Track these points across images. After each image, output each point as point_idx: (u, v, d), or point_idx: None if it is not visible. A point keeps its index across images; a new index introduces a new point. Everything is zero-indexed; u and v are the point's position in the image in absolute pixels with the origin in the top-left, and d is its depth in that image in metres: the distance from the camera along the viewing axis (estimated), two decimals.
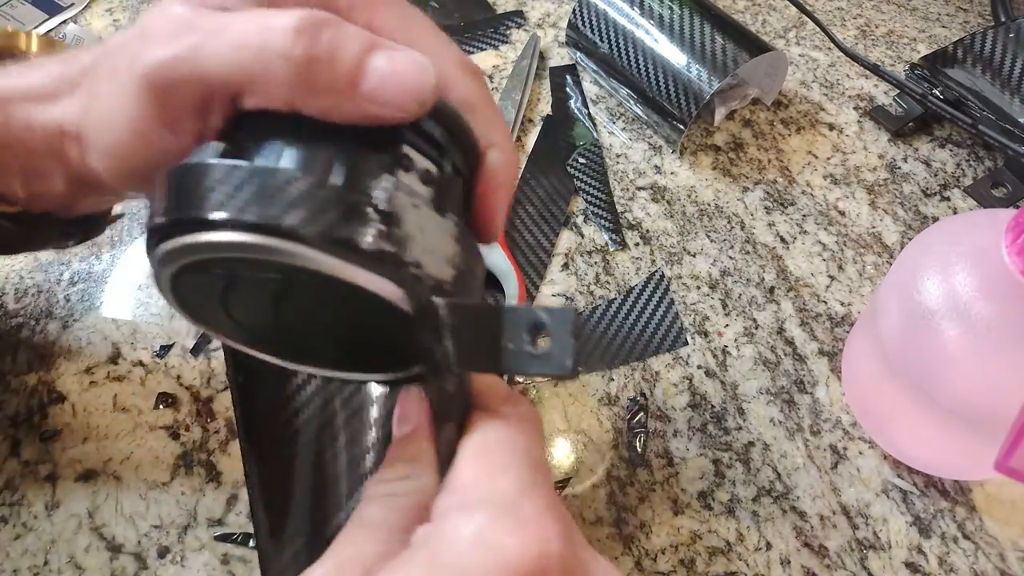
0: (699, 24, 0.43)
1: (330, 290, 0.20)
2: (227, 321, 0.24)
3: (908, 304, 0.30)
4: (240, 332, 0.24)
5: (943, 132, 0.46)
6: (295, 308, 0.22)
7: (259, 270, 0.20)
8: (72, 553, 0.33)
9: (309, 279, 0.20)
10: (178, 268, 0.21)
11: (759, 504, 0.34)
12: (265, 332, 0.24)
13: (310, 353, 0.25)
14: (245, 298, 0.22)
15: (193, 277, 0.22)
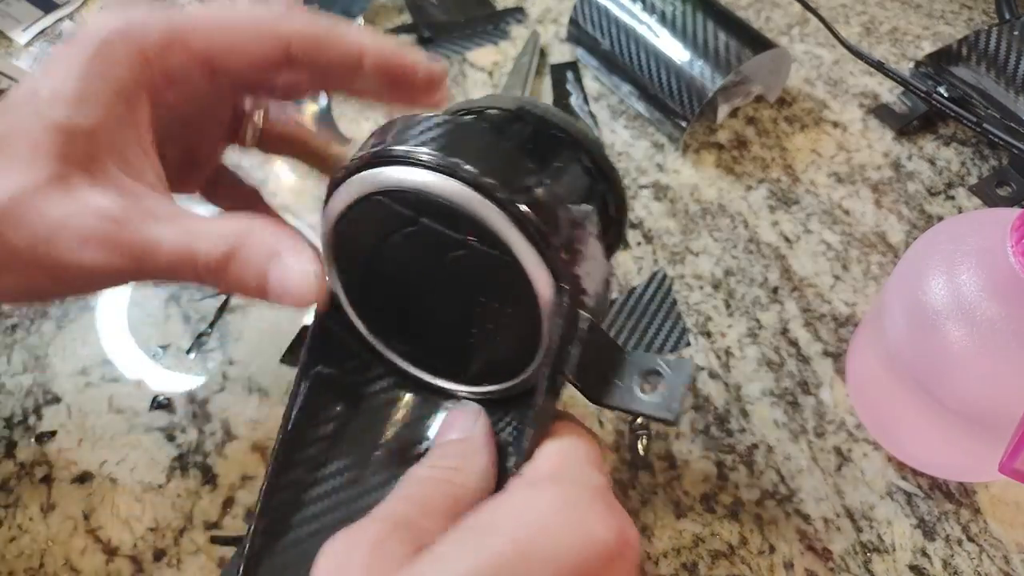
0: (702, 20, 0.42)
1: (489, 272, 0.23)
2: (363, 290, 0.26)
3: (913, 304, 0.29)
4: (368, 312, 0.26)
5: (948, 130, 0.45)
6: (432, 290, 0.24)
7: (443, 222, 0.23)
8: (68, 556, 0.33)
9: (474, 253, 0.23)
10: (377, 191, 0.23)
11: (762, 507, 0.33)
12: (388, 317, 0.26)
13: (419, 352, 0.27)
14: (392, 262, 0.24)
15: (358, 220, 0.24)
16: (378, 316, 0.27)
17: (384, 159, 0.23)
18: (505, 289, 0.23)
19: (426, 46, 0.50)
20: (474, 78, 0.49)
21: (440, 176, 0.22)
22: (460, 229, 0.23)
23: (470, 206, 0.22)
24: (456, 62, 0.50)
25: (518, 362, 0.25)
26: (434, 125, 0.23)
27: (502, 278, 0.23)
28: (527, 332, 0.24)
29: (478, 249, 0.23)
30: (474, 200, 0.22)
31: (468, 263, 0.23)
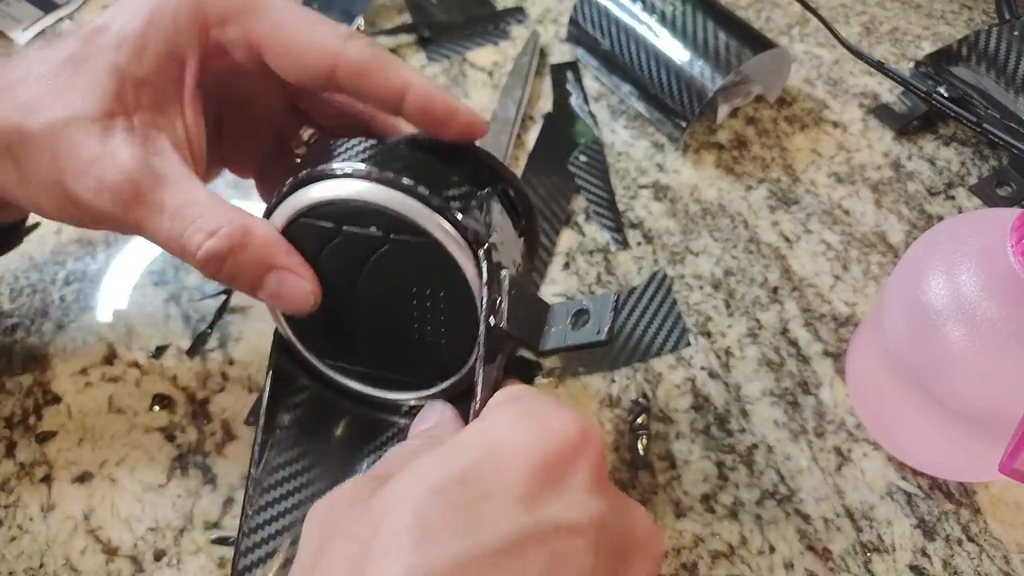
0: (702, 20, 0.42)
1: (413, 261, 0.25)
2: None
3: (913, 304, 0.29)
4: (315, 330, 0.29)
5: (948, 130, 0.45)
6: (369, 297, 0.27)
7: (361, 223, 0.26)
8: (68, 556, 0.33)
9: (396, 246, 0.25)
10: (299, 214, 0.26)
11: (763, 507, 0.33)
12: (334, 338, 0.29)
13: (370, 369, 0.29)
14: (327, 280, 0.27)
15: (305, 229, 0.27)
16: (324, 340, 0.29)
17: (301, 182, 0.26)
18: (431, 274, 0.26)
19: (426, 46, 0.50)
20: (474, 78, 0.49)
21: (349, 181, 0.25)
22: (380, 226, 0.25)
23: (381, 199, 0.25)
24: (456, 62, 0.50)
25: (460, 352, 0.27)
26: (352, 144, 0.26)
27: (426, 263, 0.26)
28: (462, 315, 0.26)
29: (398, 240, 0.25)
30: (383, 193, 0.25)
31: (393, 259, 0.26)
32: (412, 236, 0.25)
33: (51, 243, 0.42)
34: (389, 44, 0.50)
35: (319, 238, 0.26)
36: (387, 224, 0.25)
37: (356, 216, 0.25)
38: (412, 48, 0.50)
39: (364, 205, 0.25)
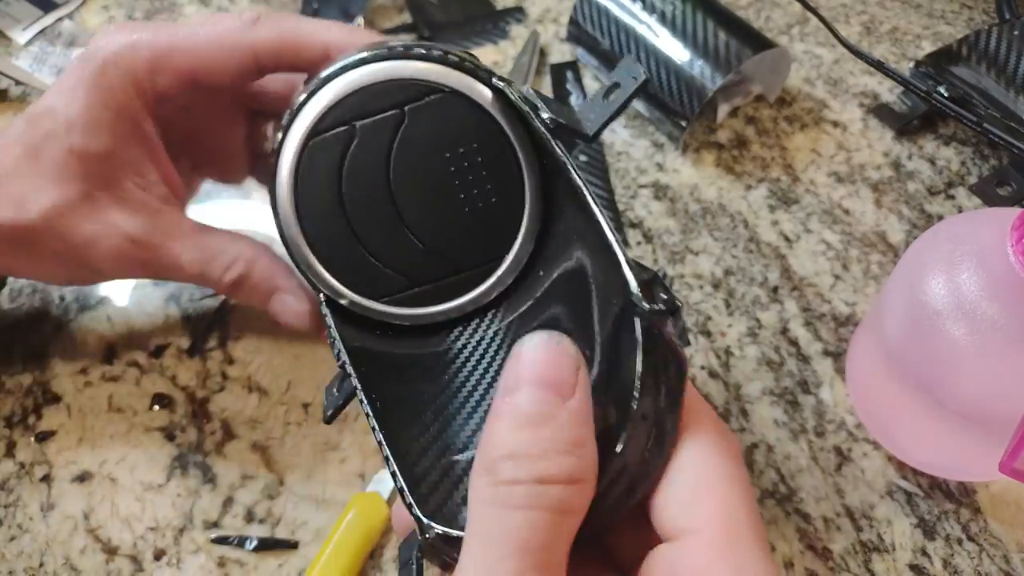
0: (702, 20, 0.42)
1: (437, 121, 0.25)
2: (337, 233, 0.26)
3: (913, 304, 0.29)
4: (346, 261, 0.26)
5: (948, 130, 0.45)
6: (408, 175, 0.25)
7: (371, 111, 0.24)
8: (68, 555, 0.33)
9: (416, 113, 0.24)
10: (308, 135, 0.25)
11: (763, 506, 0.33)
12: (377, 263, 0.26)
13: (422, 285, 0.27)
14: (357, 197, 0.25)
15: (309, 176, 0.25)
16: (368, 272, 0.27)
17: (297, 108, 0.25)
18: (459, 129, 0.25)
19: None
20: None
21: (341, 79, 0.24)
22: (391, 104, 0.25)
23: (380, 75, 0.24)
24: None
25: (515, 206, 0.26)
26: (332, 61, 0.25)
27: (450, 121, 0.25)
28: (503, 156, 0.25)
29: (415, 108, 0.25)
30: (379, 69, 0.24)
31: (417, 131, 0.25)
32: (426, 96, 0.24)
33: None
34: None
35: (337, 149, 0.25)
36: (397, 98, 0.25)
37: (363, 106, 0.25)
38: None
39: (365, 90, 0.24)
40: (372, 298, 0.26)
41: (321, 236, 0.26)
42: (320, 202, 0.25)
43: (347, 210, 0.25)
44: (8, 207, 0.29)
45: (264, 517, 0.33)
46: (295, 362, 0.37)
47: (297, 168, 0.25)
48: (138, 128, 0.30)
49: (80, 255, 0.30)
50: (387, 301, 0.27)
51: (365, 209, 0.26)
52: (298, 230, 0.26)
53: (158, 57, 0.29)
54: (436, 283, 0.27)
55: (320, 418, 0.36)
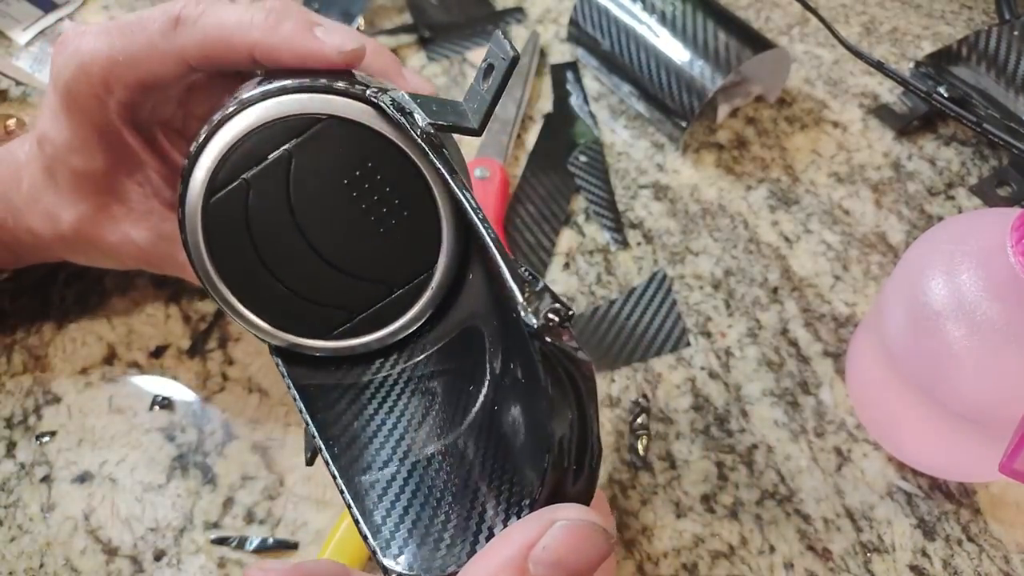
0: (702, 20, 0.42)
1: (325, 152, 0.24)
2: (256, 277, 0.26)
3: (913, 304, 0.29)
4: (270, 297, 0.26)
5: (948, 130, 0.45)
6: (312, 212, 0.25)
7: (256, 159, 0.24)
8: (68, 556, 0.33)
9: (303, 145, 0.24)
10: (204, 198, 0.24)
11: (763, 507, 0.33)
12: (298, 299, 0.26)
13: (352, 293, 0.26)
14: (266, 225, 0.25)
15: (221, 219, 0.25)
16: (306, 313, 0.26)
17: (189, 171, 0.24)
18: (349, 153, 0.24)
19: (426, 46, 0.50)
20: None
21: (217, 137, 0.24)
22: (273, 146, 0.24)
23: (252, 122, 0.24)
24: (456, 62, 0.50)
25: (430, 216, 0.25)
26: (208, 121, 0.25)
27: (337, 147, 0.24)
28: (402, 170, 0.25)
29: (299, 143, 0.24)
30: (250, 116, 0.24)
31: (307, 166, 0.24)
32: (305, 129, 0.24)
33: None
34: (389, 44, 0.50)
35: (235, 205, 0.25)
36: (280, 139, 0.24)
37: (247, 158, 0.24)
38: (412, 48, 0.50)
39: (244, 140, 0.24)
40: (318, 337, 0.26)
41: (251, 291, 0.26)
42: (239, 259, 0.25)
43: (266, 261, 0.25)
44: (45, 221, 0.32)
45: (264, 518, 0.33)
46: None
47: (206, 232, 0.25)
48: (122, 139, 0.31)
49: (113, 258, 0.33)
50: (334, 336, 0.26)
51: (283, 256, 0.25)
52: (228, 292, 0.26)
53: (106, 73, 0.28)
54: (376, 306, 0.26)
55: None
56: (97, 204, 0.31)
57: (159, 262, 0.33)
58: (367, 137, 0.24)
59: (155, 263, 0.33)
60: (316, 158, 0.24)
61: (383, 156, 0.24)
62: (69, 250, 0.34)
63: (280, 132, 0.24)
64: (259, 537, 0.33)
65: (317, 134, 0.24)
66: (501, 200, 0.42)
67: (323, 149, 0.24)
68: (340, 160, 0.24)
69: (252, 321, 0.26)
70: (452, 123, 0.23)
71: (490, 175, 0.42)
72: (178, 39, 0.27)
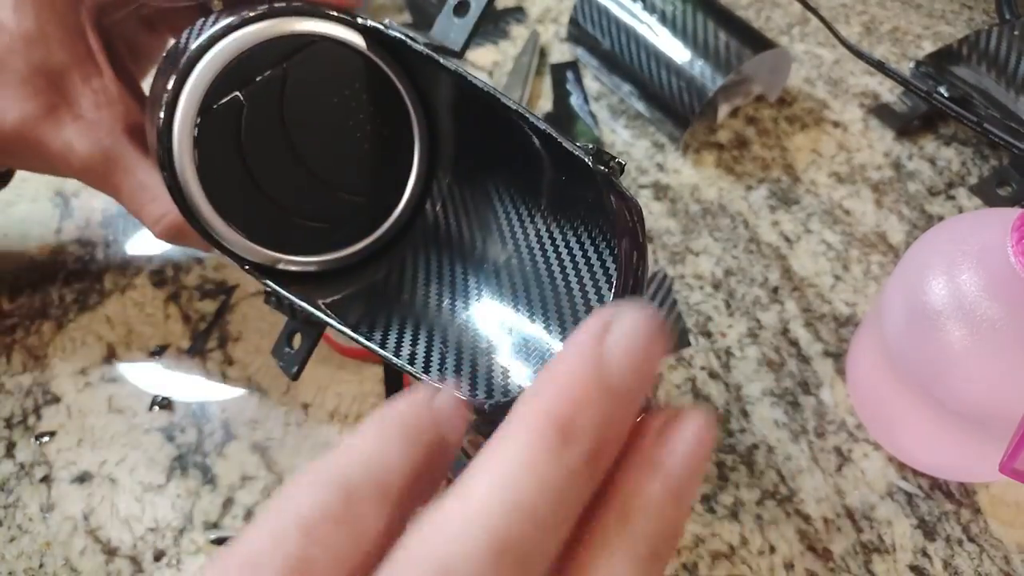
0: (702, 20, 0.42)
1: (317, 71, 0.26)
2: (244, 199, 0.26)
3: (913, 304, 0.29)
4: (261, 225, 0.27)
5: (948, 130, 0.45)
6: (304, 129, 0.26)
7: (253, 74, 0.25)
8: (67, 556, 0.33)
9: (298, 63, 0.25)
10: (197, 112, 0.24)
11: (763, 507, 0.33)
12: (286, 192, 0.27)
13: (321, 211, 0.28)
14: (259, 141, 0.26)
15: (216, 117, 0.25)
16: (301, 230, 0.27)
17: (176, 85, 0.24)
18: (338, 73, 0.26)
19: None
20: None
21: (213, 51, 0.24)
22: (269, 65, 0.25)
23: (249, 40, 0.24)
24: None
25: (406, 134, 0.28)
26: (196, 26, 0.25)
27: (327, 66, 0.26)
28: (385, 89, 0.27)
29: (293, 62, 0.25)
30: (246, 35, 0.24)
31: (301, 82, 0.26)
32: (299, 48, 0.25)
33: (51, 243, 0.42)
34: None
35: (230, 119, 0.25)
36: (272, 58, 0.25)
37: (243, 73, 0.25)
38: None
39: (241, 58, 0.25)
40: (306, 253, 0.28)
41: (238, 210, 0.26)
42: (228, 177, 0.25)
43: (256, 177, 0.26)
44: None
45: None
46: None
47: (198, 149, 0.25)
48: (85, 41, 0.30)
49: (53, 165, 0.31)
50: (322, 250, 0.28)
51: (272, 171, 0.26)
52: (219, 220, 0.25)
53: None
54: (359, 216, 0.28)
55: (320, 419, 0.36)
56: (46, 104, 0.29)
57: (95, 178, 0.31)
58: (356, 60, 0.26)
59: (91, 178, 0.31)
60: (310, 76, 0.26)
61: (369, 77, 0.27)
62: (4, 153, 0.31)
63: (274, 51, 0.25)
64: None
65: (311, 54, 0.25)
66: None
67: (316, 68, 0.26)
68: (331, 80, 0.26)
69: (239, 242, 0.26)
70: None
71: None
72: None
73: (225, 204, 0.25)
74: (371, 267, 0.29)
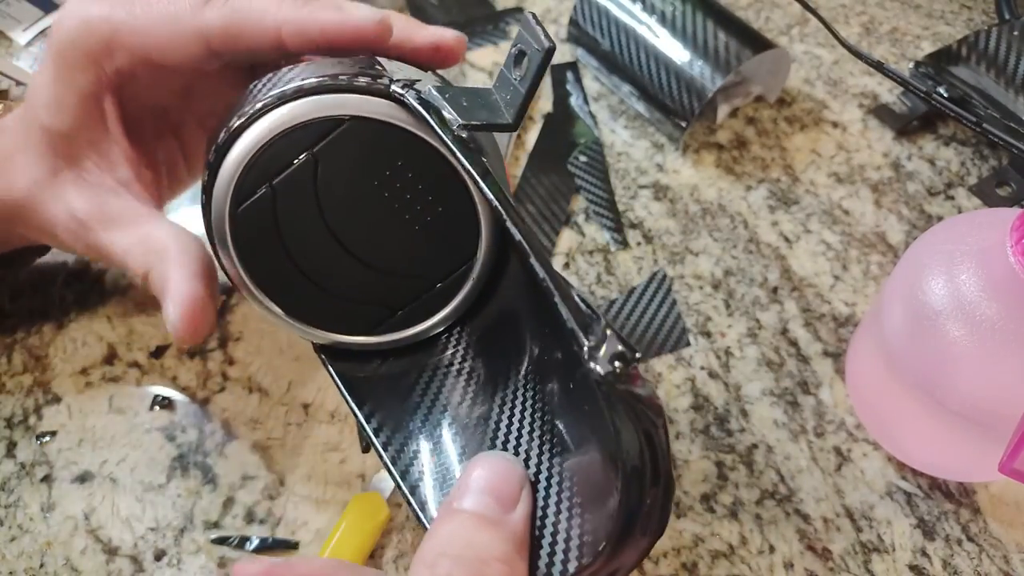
0: (702, 21, 0.42)
1: (351, 154, 0.23)
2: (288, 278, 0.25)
3: (912, 304, 0.29)
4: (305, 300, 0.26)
5: (948, 130, 0.45)
6: (344, 215, 0.24)
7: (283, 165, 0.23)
8: (68, 555, 0.33)
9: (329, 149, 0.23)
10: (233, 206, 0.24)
11: (762, 507, 0.33)
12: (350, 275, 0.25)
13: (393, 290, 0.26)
14: (297, 230, 0.24)
15: (249, 212, 0.24)
16: (344, 311, 0.26)
17: (208, 182, 0.24)
18: (375, 153, 0.23)
19: None
20: (474, 78, 0.49)
21: (241, 141, 0.23)
22: (299, 152, 0.23)
23: (276, 127, 0.23)
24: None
25: (467, 210, 0.24)
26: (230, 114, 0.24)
27: (362, 148, 0.23)
28: (431, 166, 0.24)
29: (324, 147, 0.23)
30: (272, 121, 0.23)
31: (335, 169, 0.24)
32: (329, 132, 0.23)
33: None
34: None
35: (263, 213, 0.24)
36: (304, 143, 0.23)
37: (271, 164, 0.23)
38: None
39: (266, 147, 0.23)
40: (360, 334, 0.26)
41: (287, 295, 0.25)
42: (272, 266, 0.25)
43: (300, 266, 0.25)
44: (4, 183, 0.30)
45: (264, 517, 0.33)
46: (295, 363, 0.37)
47: (236, 242, 0.24)
48: (100, 109, 0.29)
49: (49, 231, 0.31)
50: (376, 331, 0.26)
51: (317, 259, 0.25)
52: (266, 298, 0.25)
53: (112, 35, 0.28)
54: (417, 301, 0.26)
55: (320, 419, 0.36)
56: (50, 168, 0.30)
57: (83, 238, 0.30)
58: (394, 135, 0.23)
59: (79, 237, 0.30)
60: (343, 160, 0.23)
61: (413, 153, 0.23)
62: (8, 220, 0.31)
63: (303, 135, 0.23)
64: (259, 537, 0.33)
65: (341, 136, 0.23)
66: None
67: (349, 151, 0.23)
68: (368, 161, 0.23)
69: (291, 324, 0.26)
70: (485, 121, 0.22)
71: None
72: (203, 15, 0.27)
73: (276, 292, 0.25)
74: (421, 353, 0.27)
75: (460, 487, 0.21)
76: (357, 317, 0.26)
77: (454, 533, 0.20)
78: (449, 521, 0.20)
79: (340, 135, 0.23)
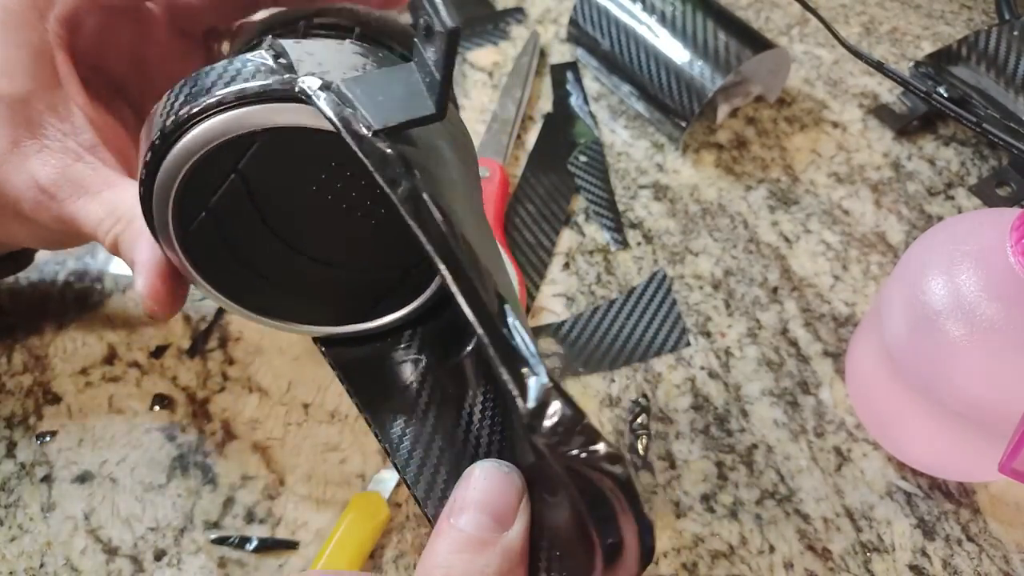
0: (702, 20, 0.42)
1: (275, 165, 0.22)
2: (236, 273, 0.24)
3: (912, 304, 0.29)
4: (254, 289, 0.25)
5: (948, 131, 0.45)
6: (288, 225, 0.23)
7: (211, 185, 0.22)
8: (68, 555, 0.33)
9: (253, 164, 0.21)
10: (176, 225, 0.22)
11: (762, 507, 0.33)
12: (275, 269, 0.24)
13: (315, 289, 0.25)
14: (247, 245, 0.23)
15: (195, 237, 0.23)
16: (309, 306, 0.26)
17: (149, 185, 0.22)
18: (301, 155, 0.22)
19: None
20: (474, 78, 0.49)
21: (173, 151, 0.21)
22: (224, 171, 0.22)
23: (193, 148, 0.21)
24: (456, 62, 0.49)
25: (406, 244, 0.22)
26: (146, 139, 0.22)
27: (286, 154, 0.21)
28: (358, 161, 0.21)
29: (248, 164, 0.21)
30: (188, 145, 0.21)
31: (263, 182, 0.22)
32: (248, 148, 0.21)
33: None
34: None
35: (210, 235, 0.23)
36: (225, 165, 0.21)
37: (204, 187, 0.22)
38: None
39: (192, 173, 0.21)
40: (345, 323, 0.26)
41: (260, 302, 0.25)
42: (237, 279, 0.24)
43: (266, 276, 0.24)
44: None
45: (264, 517, 0.33)
46: (295, 363, 0.37)
47: (192, 261, 0.23)
48: (51, 65, 0.28)
49: (13, 206, 0.28)
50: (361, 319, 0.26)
51: (280, 268, 0.24)
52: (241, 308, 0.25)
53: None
54: (395, 287, 0.25)
55: (320, 419, 0.36)
56: (11, 138, 0.27)
57: (50, 211, 0.28)
58: (318, 138, 0.21)
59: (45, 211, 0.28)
60: (271, 172, 0.22)
61: (344, 151, 0.20)
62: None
63: (225, 155, 0.21)
64: (259, 537, 0.33)
65: (260, 150, 0.21)
66: (501, 200, 0.42)
67: (274, 162, 0.21)
68: (298, 167, 0.22)
69: (270, 323, 0.25)
70: (404, 118, 0.19)
71: (490, 175, 0.42)
72: None
73: (249, 302, 0.25)
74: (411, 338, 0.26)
75: (458, 500, 0.20)
76: (336, 310, 0.25)
77: (449, 554, 0.19)
78: (447, 537, 0.20)
79: (259, 149, 0.21)
